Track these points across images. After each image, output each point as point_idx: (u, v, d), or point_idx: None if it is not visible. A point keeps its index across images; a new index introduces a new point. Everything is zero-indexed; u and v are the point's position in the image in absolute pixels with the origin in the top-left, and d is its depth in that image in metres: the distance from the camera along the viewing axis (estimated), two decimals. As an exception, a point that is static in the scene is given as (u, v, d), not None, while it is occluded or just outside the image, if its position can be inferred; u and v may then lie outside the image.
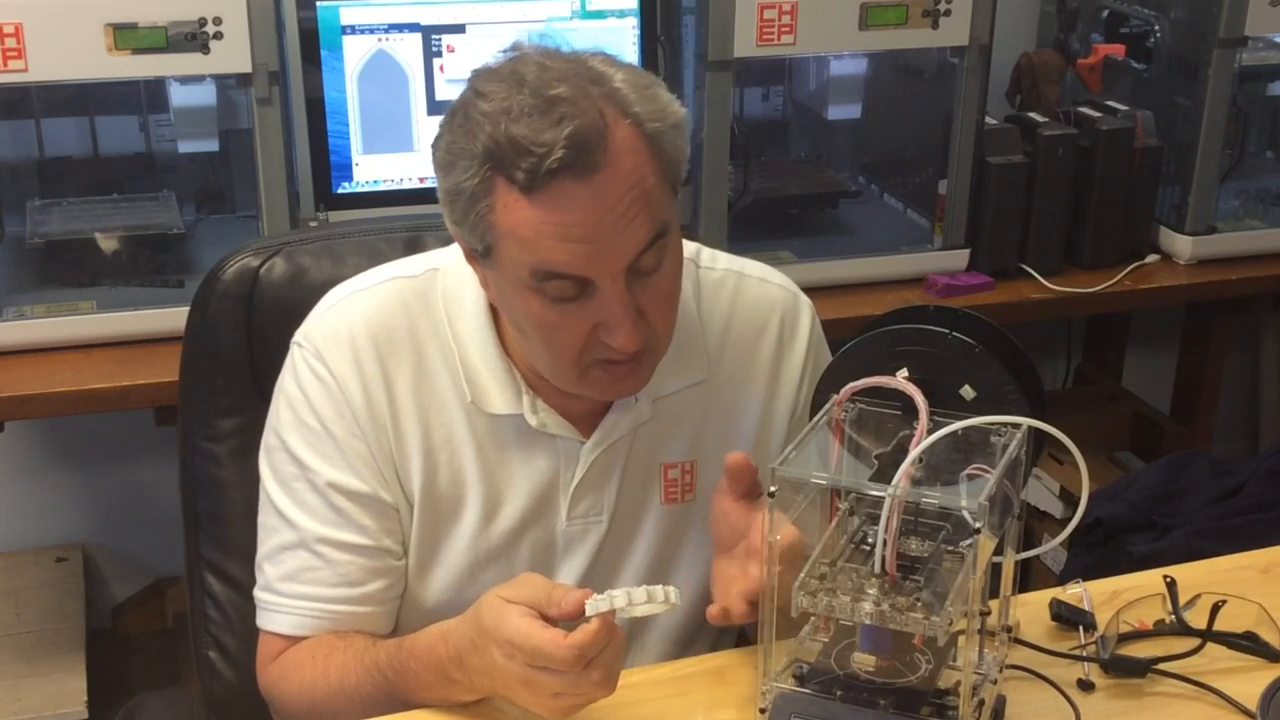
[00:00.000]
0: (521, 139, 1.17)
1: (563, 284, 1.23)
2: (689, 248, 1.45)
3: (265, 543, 1.40)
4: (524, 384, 1.38)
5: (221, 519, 1.54)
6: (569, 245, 1.20)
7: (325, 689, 1.34)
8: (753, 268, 1.49)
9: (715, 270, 1.47)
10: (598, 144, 1.18)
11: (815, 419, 1.21)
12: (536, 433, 1.38)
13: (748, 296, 1.47)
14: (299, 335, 1.39)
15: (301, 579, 1.37)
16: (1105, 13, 2.83)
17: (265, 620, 1.40)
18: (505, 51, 1.26)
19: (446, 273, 1.40)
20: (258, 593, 1.40)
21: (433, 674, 1.27)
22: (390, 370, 1.36)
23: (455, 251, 1.41)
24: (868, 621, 1.12)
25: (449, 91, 2.29)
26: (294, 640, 1.38)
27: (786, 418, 1.46)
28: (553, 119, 1.17)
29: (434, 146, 1.27)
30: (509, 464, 1.39)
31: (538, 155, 1.17)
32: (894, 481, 1.11)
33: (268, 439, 1.40)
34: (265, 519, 1.40)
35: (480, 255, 1.27)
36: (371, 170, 2.30)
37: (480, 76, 1.24)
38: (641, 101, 1.23)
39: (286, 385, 1.39)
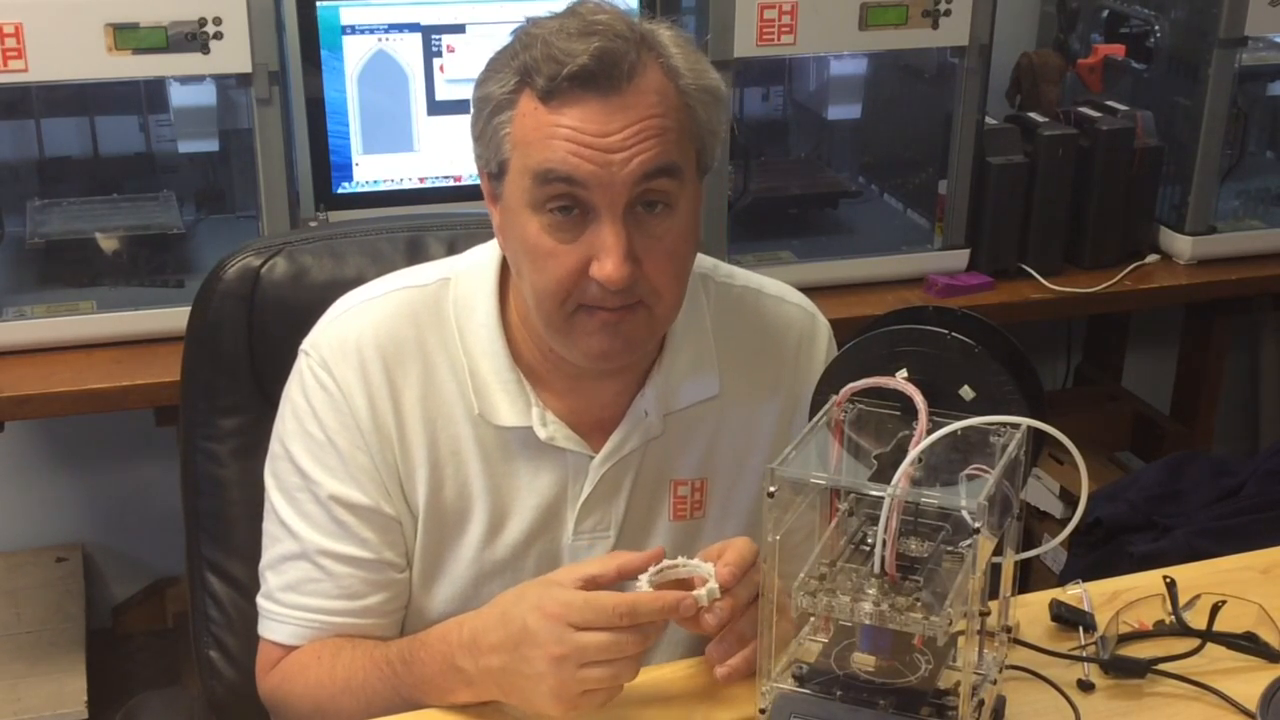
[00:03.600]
0: (556, 50, 1.21)
1: (562, 194, 1.23)
2: (705, 262, 1.45)
3: (268, 550, 1.40)
4: (534, 395, 1.37)
5: (223, 518, 1.54)
6: (574, 148, 1.22)
7: (331, 688, 1.33)
8: (771, 285, 1.49)
9: (733, 286, 1.46)
10: (622, 66, 1.22)
11: (815, 419, 1.21)
12: (545, 446, 1.37)
13: (765, 315, 1.46)
14: (306, 344, 1.38)
15: (302, 590, 1.37)
16: (1105, 13, 2.83)
17: (266, 629, 1.40)
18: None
19: (458, 282, 1.39)
20: (260, 600, 1.40)
21: (440, 663, 1.26)
22: (397, 381, 1.36)
23: (467, 260, 1.41)
24: (867, 621, 1.12)
25: (449, 91, 2.29)
26: (292, 649, 1.38)
27: None
28: (585, 38, 1.22)
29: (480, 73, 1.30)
30: (516, 477, 1.38)
31: (560, 63, 1.21)
32: (893, 482, 1.11)
33: (273, 447, 1.40)
34: (269, 527, 1.40)
35: (494, 176, 1.29)
36: (371, 170, 2.30)
37: (540, 16, 1.29)
38: (681, 57, 1.27)
39: (293, 394, 1.38)
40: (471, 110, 1.30)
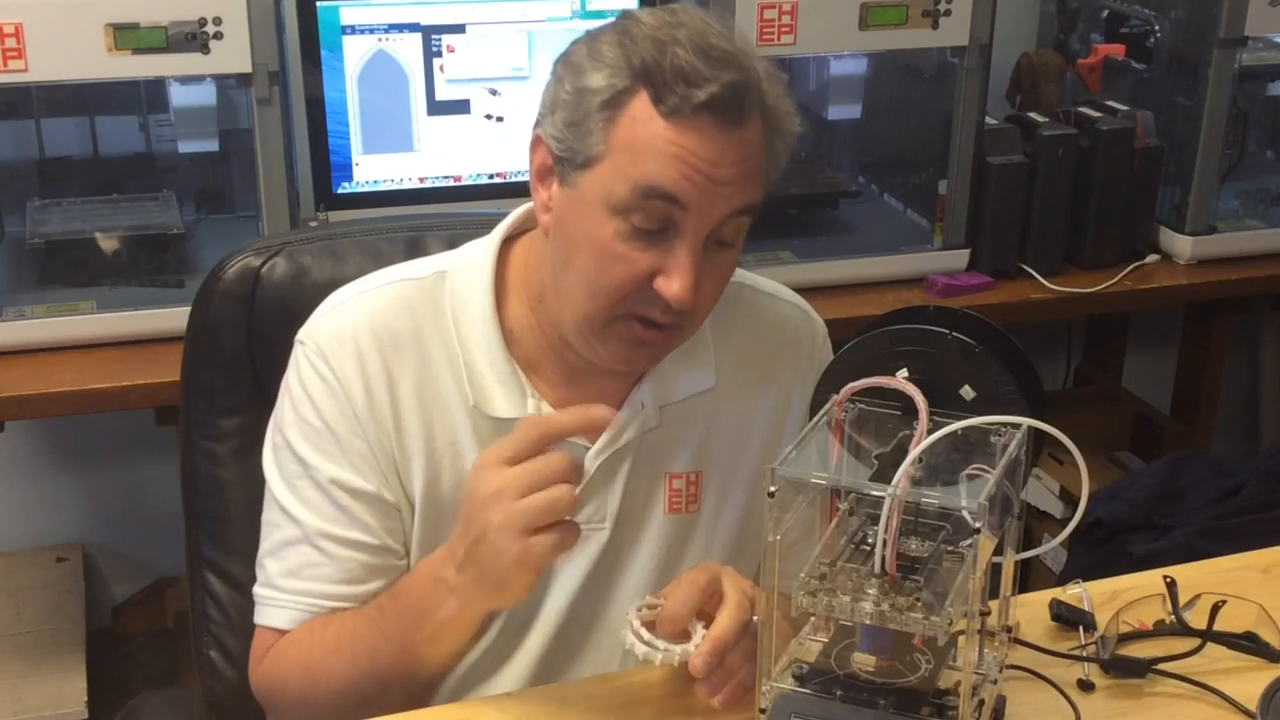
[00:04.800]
0: (685, 66, 1.21)
1: (657, 211, 1.23)
2: None
3: (268, 538, 1.40)
4: (529, 387, 1.37)
5: (222, 519, 1.54)
6: (688, 170, 1.22)
7: (321, 650, 1.33)
8: (765, 284, 1.49)
9: (730, 282, 1.46)
10: (748, 105, 1.23)
11: (815, 419, 1.21)
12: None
13: (760, 312, 1.47)
14: (302, 334, 1.39)
15: (303, 574, 1.36)
16: (1105, 13, 2.83)
17: (263, 616, 1.39)
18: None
19: (454, 275, 1.39)
20: (257, 589, 1.40)
21: (425, 583, 1.27)
22: (394, 372, 1.36)
23: (463, 254, 1.41)
24: (868, 621, 1.12)
25: (449, 91, 2.29)
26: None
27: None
28: (715, 62, 1.22)
29: (564, 55, 1.29)
30: None
31: (697, 85, 1.21)
32: (894, 481, 1.11)
33: (272, 437, 1.40)
34: (269, 515, 1.40)
35: (573, 166, 1.27)
36: (371, 170, 2.30)
37: (627, 13, 1.29)
38: (775, 98, 1.28)
39: (290, 383, 1.38)
40: (563, 92, 1.27)
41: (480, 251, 1.40)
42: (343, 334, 1.36)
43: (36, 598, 2.63)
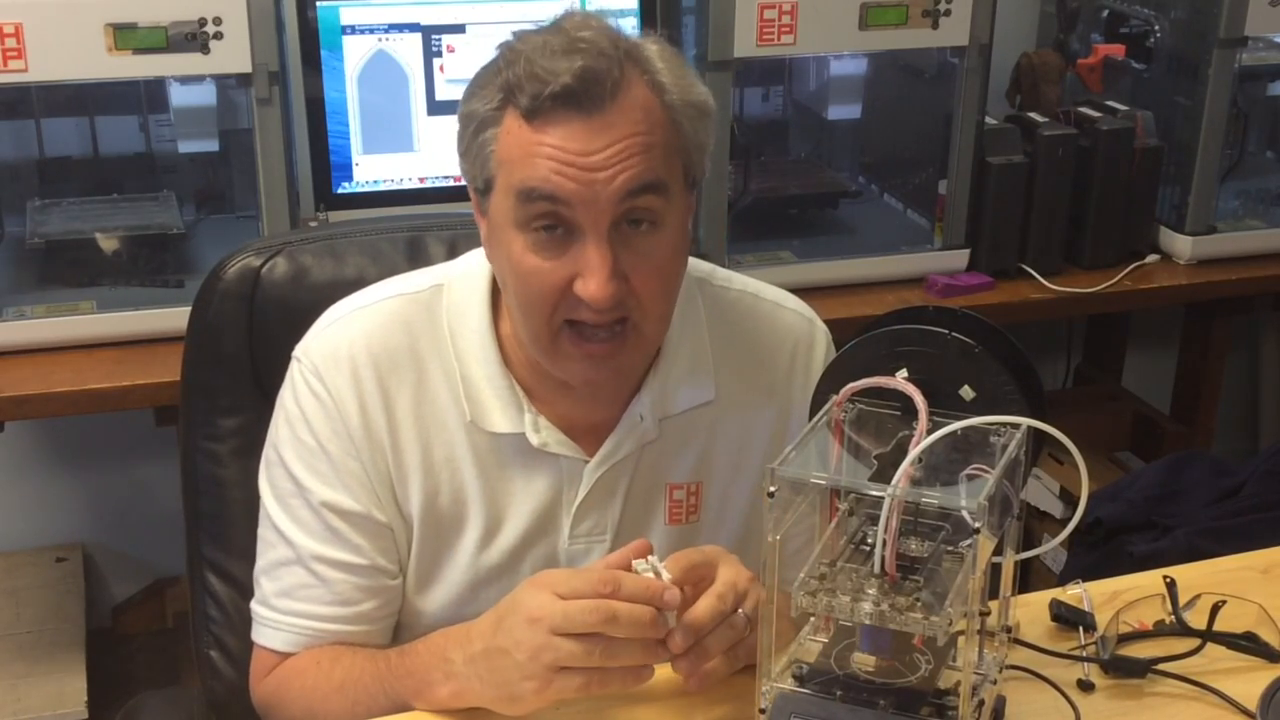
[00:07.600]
0: (537, 68, 1.21)
1: (545, 212, 1.23)
2: (703, 267, 1.45)
3: (263, 556, 1.40)
4: (526, 401, 1.37)
5: (223, 518, 1.54)
6: (557, 166, 1.21)
7: (325, 689, 1.34)
8: (768, 291, 1.48)
9: (730, 290, 1.46)
10: (604, 85, 1.21)
11: (815, 419, 1.21)
12: (538, 451, 1.37)
13: (762, 320, 1.46)
14: (299, 350, 1.38)
15: (297, 596, 1.37)
16: (1105, 13, 2.83)
17: (260, 635, 1.40)
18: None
19: (452, 288, 1.39)
20: (254, 606, 1.40)
21: (432, 654, 1.26)
22: (390, 390, 1.36)
23: (460, 265, 1.41)
24: (867, 621, 1.12)
25: (449, 91, 2.29)
26: (287, 657, 1.38)
27: None
28: (567, 55, 1.21)
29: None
30: (511, 482, 1.38)
31: (543, 82, 1.20)
32: (893, 482, 1.11)
33: (267, 453, 1.40)
34: (264, 533, 1.40)
35: (482, 194, 1.29)
36: (371, 170, 2.30)
37: (515, 33, 1.29)
38: (667, 72, 1.26)
39: (285, 401, 1.38)
40: (457, 127, 1.30)
41: (476, 263, 1.40)
42: (339, 352, 1.36)
43: (36, 598, 2.63)
